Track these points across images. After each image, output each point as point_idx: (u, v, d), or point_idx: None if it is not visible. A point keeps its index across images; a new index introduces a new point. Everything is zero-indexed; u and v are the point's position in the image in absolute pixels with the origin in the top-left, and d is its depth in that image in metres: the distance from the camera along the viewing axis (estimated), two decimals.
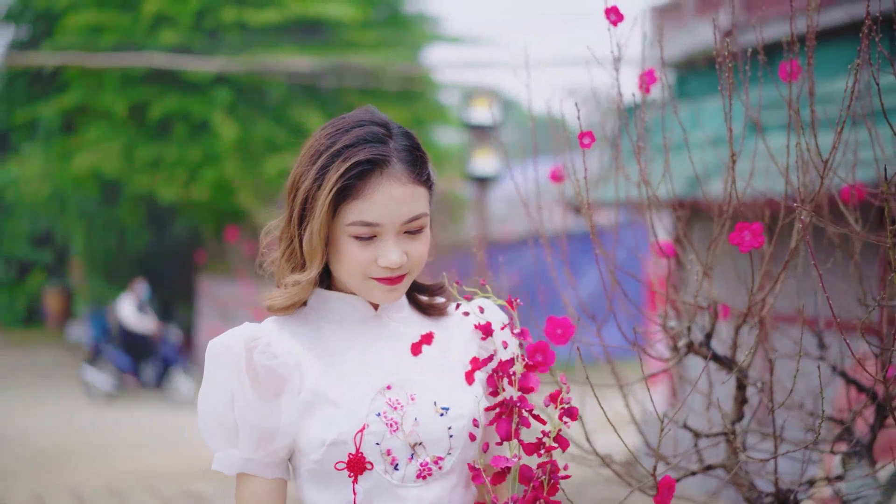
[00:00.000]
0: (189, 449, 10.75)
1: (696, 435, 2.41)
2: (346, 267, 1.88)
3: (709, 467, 2.31)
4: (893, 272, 1.53)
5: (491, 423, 1.86)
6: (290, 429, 1.86)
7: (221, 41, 17.28)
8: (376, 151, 1.83)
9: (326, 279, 1.98)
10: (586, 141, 1.95)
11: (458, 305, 2.02)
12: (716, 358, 2.32)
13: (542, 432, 1.82)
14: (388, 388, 1.87)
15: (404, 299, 2.02)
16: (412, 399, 1.87)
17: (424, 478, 1.86)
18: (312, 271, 1.89)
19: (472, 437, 1.89)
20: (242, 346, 1.88)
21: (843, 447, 2.54)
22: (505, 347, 1.93)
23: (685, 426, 2.40)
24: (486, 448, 1.93)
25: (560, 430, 1.81)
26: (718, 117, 3.18)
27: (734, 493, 2.32)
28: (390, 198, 1.83)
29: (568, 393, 1.84)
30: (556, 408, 1.81)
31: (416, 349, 1.94)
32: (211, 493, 8.60)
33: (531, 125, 2.85)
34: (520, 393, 1.84)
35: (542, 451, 1.80)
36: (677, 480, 2.24)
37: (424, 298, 2.04)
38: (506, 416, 1.83)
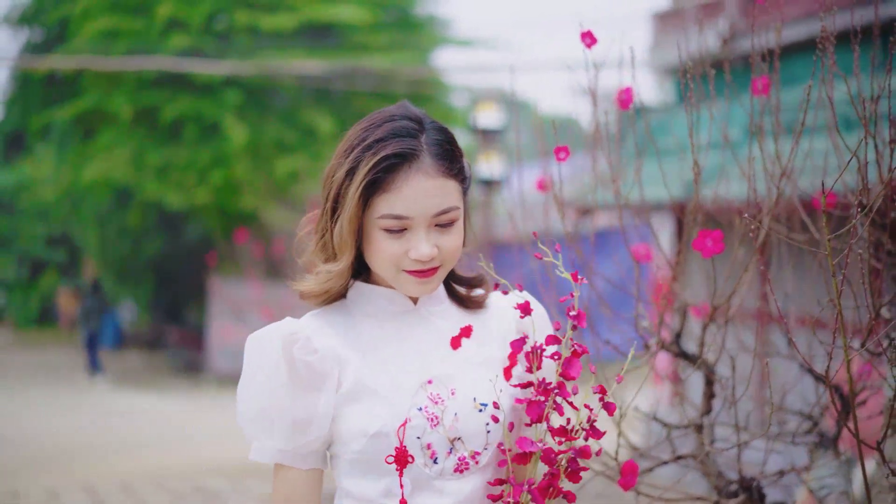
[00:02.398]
0: (201, 446, 10.94)
1: (668, 427, 2.58)
2: (378, 260, 1.90)
3: (679, 457, 2.49)
4: (833, 277, 1.70)
5: (522, 400, 1.87)
6: (325, 421, 1.89)
7: (232, 44, 17.45)
8: (405, 145, 1.86)
9: (365, 272, 2.00)
10: (562, 156, 2.11)
11: (505, 291, 2.04)
12: (684, 355, 2.49)
13: (568, 420, 1.81)
14: (430, 382, 1.90)
15: (442, 292, 2.03)
16: (452, 394, 1.89)
17: (462, 472, 1.88)
18: (342, 262, 1.91)
19: (498, 420, 1.90)
20: (281, 340, 1.89)
21: (807, 439, 2.72)
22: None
23: (655, 418, 2.57)
24: (510, 427, 1.91)
25: (593, 420, 1.80)
26: (717, 122, 3.33)
27: (705, 482, 2.49)
28: (419, 191, 1.85)
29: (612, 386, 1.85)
30: (599, 400, 1.80)
31: (455, 343, 1.95)
32: (222, 489, 8.77)
33: (535, 128, 2.98)
34: (560, 378, 1.82)
35: (566, 439, 1.80)
36: (650, 470, 2.41)
37: (463, 291, 2.04)
38: (540, 400, 1.81)
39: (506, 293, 2.04)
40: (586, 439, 1.82)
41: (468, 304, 2.03)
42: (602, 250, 3.29)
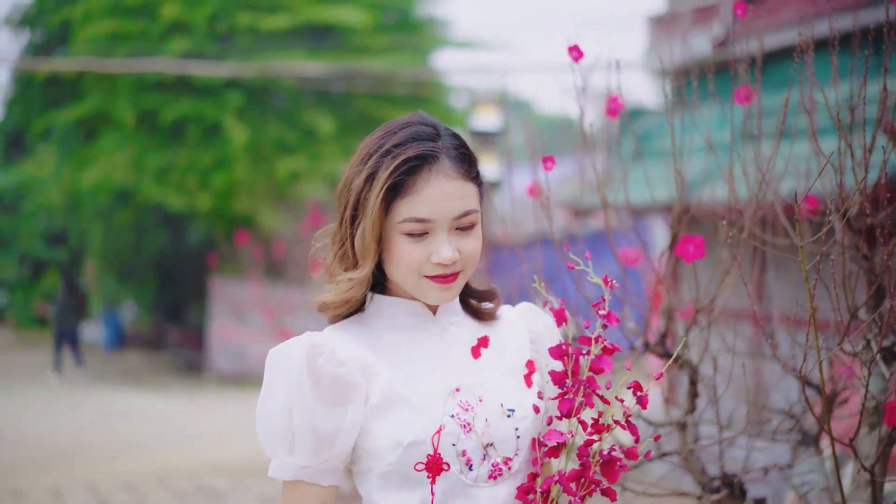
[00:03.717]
0: (202, 446, 11.04)
1: (654, 425, 2.67)
2: (399, 266, 1.89)
3: (664, 455, 2.58)
4: (805, 281, 1.78)
5: (555, 397, 1.84)
6: (351, 435, 1.87)
7: (233, 46, 17.52)
8: (425, 148, 1.87)
9: (382, 284, 1.99)
10: (549, 165, 2.19)
11: (554, 308, 1.96)
12: (668, 356, 2.58)
13: (599, 413, 1.81)
14: (458, 390, 1.89)
15: (458, 303, 2.03)
16: (480, 401, 1.89)
17: (495, 478, 1.88)
18: (365, 269, 1.89)
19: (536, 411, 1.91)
20: (304, 353, 1.87)
21: (790, 437, 2.81)
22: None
23: (640, 417, 2.67)
24: (549, 421, 1.92)
25: (629, 416, 1.81)
26: (713, 124, 3.42)
27: (690, 478, 2.58)
28: (440, 193, 1.85)
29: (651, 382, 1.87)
30: (634, 394, 1.81)
31: (475, 352, 1.96)
32: (223, 488, 8.87)
33: (526, 130, 3.07)
34: (590, 373, 1.81)
35: (597, 432, 1.80)
36: (636, 466, 2.50)
37: (476, 303, 2.04)
38: (572, 395, 1.81)
39: (552, 308, 1.98)
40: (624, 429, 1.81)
41: (482, 315, 2.04)
42: (597, 252, 3.37)
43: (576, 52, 2.36)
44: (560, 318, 1.87)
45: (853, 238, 2.48)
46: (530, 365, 1.95)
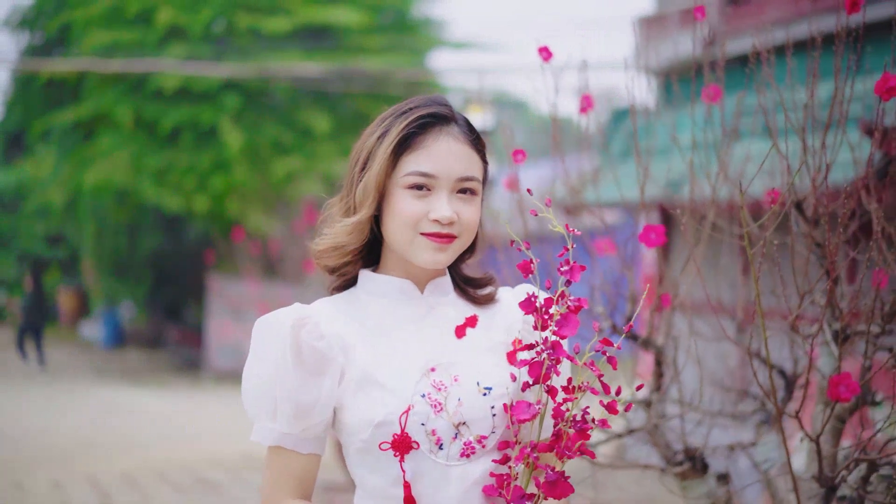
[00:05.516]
0: (201, 441, 11.18)
1: (622, 402, 2.83)
2: (398, 220, 1.94)
3: (631, 431, 2.75)
4: (750, 262, 1.95)
5: (523, 364, 1.85)
6: (327, 407, 1.92)
7: (230, 48, 17.64)
8: (439, 110, 1.96)
9: (374, 263, 2.06)
10: (520, 158, 2.35)
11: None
12: (634, 338, 2.75)
13: (568, 380, 1.82)
14: (433, 370, 1.92)
15: (450, 286, 2.06)
16: (455, 380, 1.92)
17: (468, 456, 1.90)
18: (361, 213, 1.95)
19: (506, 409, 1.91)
20: (289, 323, 1.92)
21: (755, 418, 2.98)
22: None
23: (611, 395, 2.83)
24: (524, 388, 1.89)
25: (602, 376, 1.80)
26: (698, 123, 3.56)
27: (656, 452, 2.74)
28: (447, 152, 1.92)
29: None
30: (603, 353, 1.80)
31: (460, 332, 1.98)
32: (222, 480, 9.03)
33: (504, 130, 3.21)
34: (555, 338, 1.82)
35: (570, 398, 1.80)
36: (605, 441, 2.67)
37: (472, 290, 2.08)
38: (541, 360, 1.81)
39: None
40: (596, 394, 1.82)
41: (477, 299, 2.07)
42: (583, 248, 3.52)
43: (545, 53, 2.53)
44: (526, 271, 1.87)
45: (807, 227, 2.64)
46: (517, 342, 1.92)
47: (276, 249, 15.73)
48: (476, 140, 1.99)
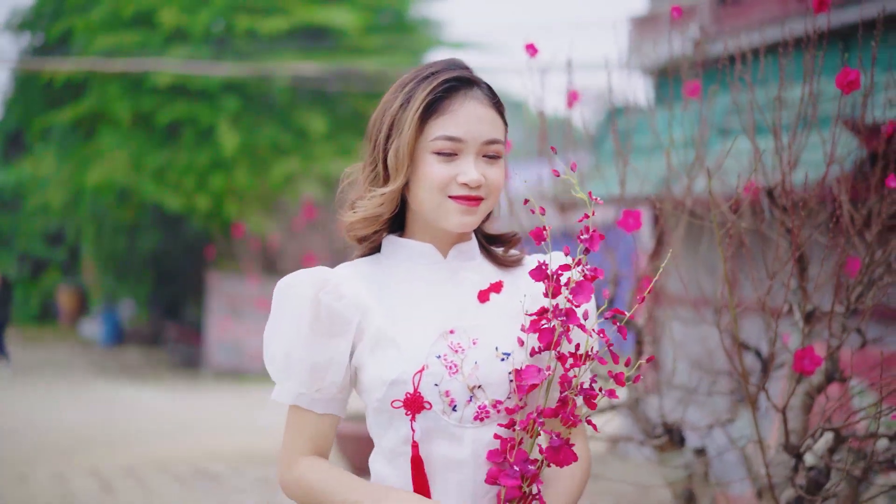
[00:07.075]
0: (201, 436, 11.31)
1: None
2: (426, 184, 1.96)
3: (613, 406, 2.92)
4: (719, 245, 2.11)
5: (534, 329, 1.87)
6: (341, 367, 1.96)
7: (229, 48, 17.75)
8: (463, 73, 1.99)
9: (399, 228, 2.08)
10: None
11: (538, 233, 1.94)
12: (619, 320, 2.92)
13: (577, 346, 1.84)
14: (452, 332, 1.94)
15: (475, 247, 2.09)
16: (474, 343, 1.94)
17: (482, 419, 1.91)
18: (396, 182, 1.97)
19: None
20: (309, 285, 1.96)
21: (733, 396, 3.15)
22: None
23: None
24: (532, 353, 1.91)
25: (612, 344, 1.83)
26: (691, 121, 3.71)
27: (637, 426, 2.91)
28: (473, 116, 1.95)
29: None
30: (613, 322, 1.84)
31: (483, 296, 2.00)
32: (222, 472, 9.17)
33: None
34: (569, 305, 1.84)
35: (577, 364, 1.82)
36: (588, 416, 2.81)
37: (497, 250, 2.10)
38: (552, 326, 1.83)
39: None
40: (604, 364, 1.86)
41: (503, 262, 2.09)
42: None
43: (531, 50, 2.68)
44: (539, 238, 1.90)
45: (779, 214, 2.80)
46: (540, 311, 1.91)
47: (275, 246, 15.83)
48: (498, 103, 2.02)
